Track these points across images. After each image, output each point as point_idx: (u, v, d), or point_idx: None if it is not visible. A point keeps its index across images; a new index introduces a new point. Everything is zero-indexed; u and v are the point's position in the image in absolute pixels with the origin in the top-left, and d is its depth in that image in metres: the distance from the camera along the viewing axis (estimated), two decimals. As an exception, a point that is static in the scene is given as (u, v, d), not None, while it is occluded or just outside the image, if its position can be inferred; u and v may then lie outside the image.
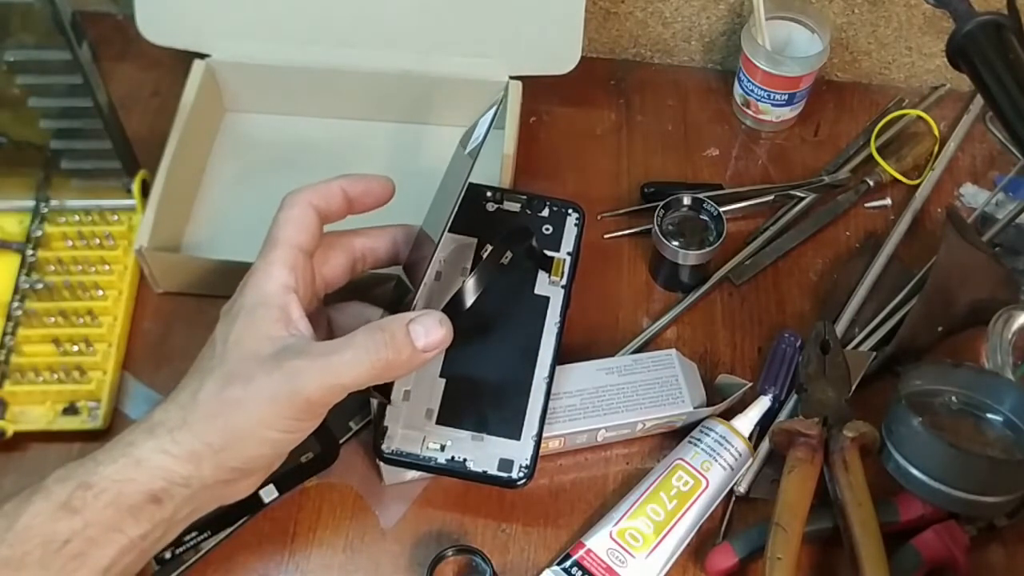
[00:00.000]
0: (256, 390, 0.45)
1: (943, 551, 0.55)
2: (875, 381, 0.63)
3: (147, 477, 0.44)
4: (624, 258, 0.70)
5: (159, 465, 0.44)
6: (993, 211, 0.71)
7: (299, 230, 0.49)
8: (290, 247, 0.49)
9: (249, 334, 0.47)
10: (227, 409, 0.45)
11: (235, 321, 0.47)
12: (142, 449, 0.44)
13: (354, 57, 0.70)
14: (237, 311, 0.48)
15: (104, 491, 0.43)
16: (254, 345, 0.46)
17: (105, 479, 0.44)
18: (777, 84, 0.73)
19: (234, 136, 0.73)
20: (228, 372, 0.46)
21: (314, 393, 0.45)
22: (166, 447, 0.44)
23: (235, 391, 0.45)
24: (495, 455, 0.52)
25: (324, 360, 0.45)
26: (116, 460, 0.44)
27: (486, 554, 0.54)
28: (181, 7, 0.68)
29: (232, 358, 0.46)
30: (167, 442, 0.45)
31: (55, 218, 0.65)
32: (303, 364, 0.45)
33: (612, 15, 0.78)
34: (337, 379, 0.45)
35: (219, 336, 0.47)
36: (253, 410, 0.45)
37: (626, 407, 0.58)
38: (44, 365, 0.60)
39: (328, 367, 0.45)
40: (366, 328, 0.47)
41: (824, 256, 0.70)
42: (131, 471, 0.44)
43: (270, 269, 0.48)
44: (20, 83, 0.58)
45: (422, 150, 0.72)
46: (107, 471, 0.44)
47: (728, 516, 0.58)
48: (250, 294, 0.48)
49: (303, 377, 0.45)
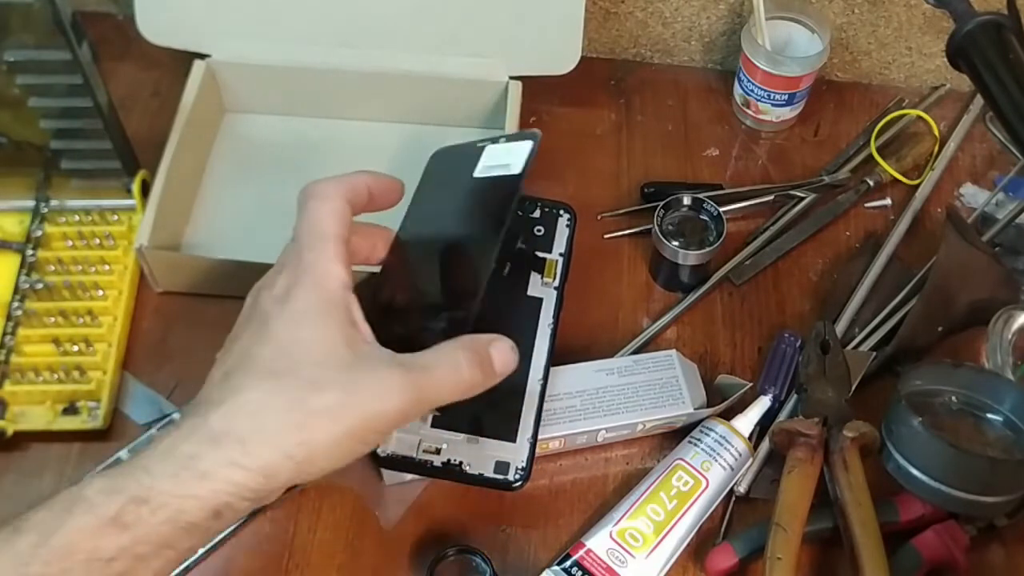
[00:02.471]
0: (352, 400, 0.42)
1: (943, 551, 0.55)
2: (875, 381, 0.63)
3: (212, 493, 0.40)
4: (624, 258, 0.70)
5: (228, 479, 0.40)
6: (993, 211, 0.71)
7: (342, 224, 0.46)
8: (340, 241, 0.45)
9: (324, 338, 0.43)
10: (314, 421, 0.41)
11: (302, 322, 0.43)
12: (207, 462, 0.40)
13: (354, 57, 0.70)
14: (301, 311, 0.43)
15: (162, 507, 0.39)
16: (332, 351, 0.43)
17: (163, 494, 0.39)
18: (777, 84, 0.73)
19: (234, 136, 0.73)
20: (309, 379, 0.42)
21: (411, 407, 0.43)
22: (237, 459, 0.40)
23: (326, 400, 0.41)
24: (491, 458, 0.52)
25: (420, 375, 0.43)
26: (176, 474, 0.40)
27: (486, 554, 0.54)
28: (181, 7, 0.68)
29: (309, 364, 0.42)
30: (238, 454, 0.40)
31: (55, 218, 0.65)
32: (401, 378, 0.42)
33: (612, 15, 0.78)
34: (430, 395, 0.44)
35: (280, 336, 0.43)
36: (345, 420, 0.42)
37: (626, 408, 0.58)
38: (44, 365, 0.60)
39: (423, 383, 0.43)
40: (453, 346, 0.44)
41: (824, 256, 0.70)
42: (194, 486, 0.40)
43: (329, 266, 0.44)
44: (20, 83, 0.58)
45: (422, 150, 0.72)
46: (165, 486, 0.39)
47: (728, 516, 0.58)
48: (312, 293, 0.44)
49: (402, 392, 0.42)
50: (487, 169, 0.53)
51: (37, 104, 0.60)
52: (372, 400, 0.42)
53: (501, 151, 0.53)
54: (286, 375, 0.42)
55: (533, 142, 0.52)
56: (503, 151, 0.53)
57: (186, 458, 0.40)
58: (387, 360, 0.43)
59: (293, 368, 0.42)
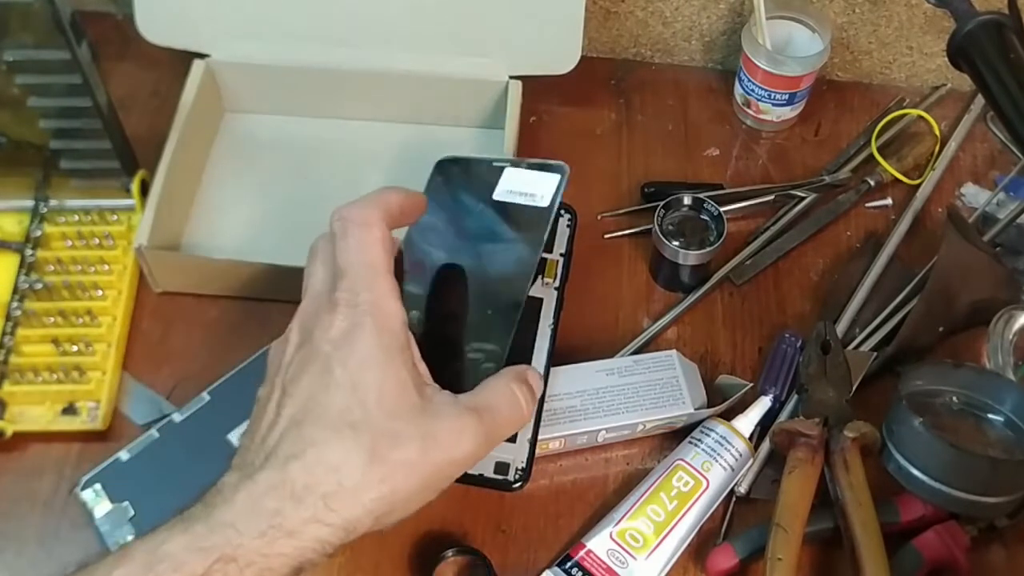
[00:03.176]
0: (432, 450, 0.41)
1: (944, 551, 0.55)
2: (876, 381, 0.63)
3: (298, 551, 0.40)
4: (624, 258, 0.70)
5: (313, 537, 0.40)
6: (994, 211, 0.71)
7: (388, 253, 0.45)
8: (391, 274, 0.44)
9: (393, 385, 0.42)
10: (397, 473, 0.41)
11: (369, 367, 0.42)
12: (293, 520, 0.39)
13: (354, 57, 0.70)
14: (366, 354, 0.42)
15: (250, 565, 0.39)
16: (403, 398, 0.42)
17: (252, 552, 0.39)
18: (778, 84, 0.72)
19: (233, 136, 0.73)
20: (387, 432, 0.41)
21: (480, 452, 0.43)
22: (321, 516, 0.40)
23: (404, 455, 0.41)
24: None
25: (490, 418, 0.44)
26: (264, 533, 0.39)
27: (486, 555, 0.54)
28: (181, 7, 0.68)
29: (383, 413, 0.41)
30: (322, 511, 0.40)
31: (54, 218, 0.65)
32: (474, 422, 0.43)
33: (612, 15, 0.78)
34: (497, 436, 0.44)
35: (350, 383, 0.42)
36: (423, 474, 0.42)
37: (627, 408, 0.58)
38: (43, 365, 0.60)
39: (492, 426, 0.44)
40: (506, 381, 0.45)
41: (825, 256, 0.70)
42: (282, 545, 0.39)
43: (388, 304, 0.43)
44: (19, 83, 0.58)
45: (422, 150, 0.72)
46: (254, 544, 0.39)
47: (729, 516, 0.58)
48: (376, 335, 0.42)
49: (476, 436, 0.43)
50: (509, 194, 0.52)
51: (36, 104, 0.59)
52: (449, 449, 0.42)
53: (524, 177, 0.53)
54: (362, 427, 0.41)
55: (561, 176, 0.52)
56: (527, 178, 0.53)
57: (272, 515, 0.39)
58: (457, 406, 0.43)
59: (367, 419, 0.41)
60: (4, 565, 0.55)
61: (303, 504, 0.40)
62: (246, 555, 0.38)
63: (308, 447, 0.41)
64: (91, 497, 0.55)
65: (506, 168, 0.54)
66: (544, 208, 0.51)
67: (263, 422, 0.43)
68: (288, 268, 0.61)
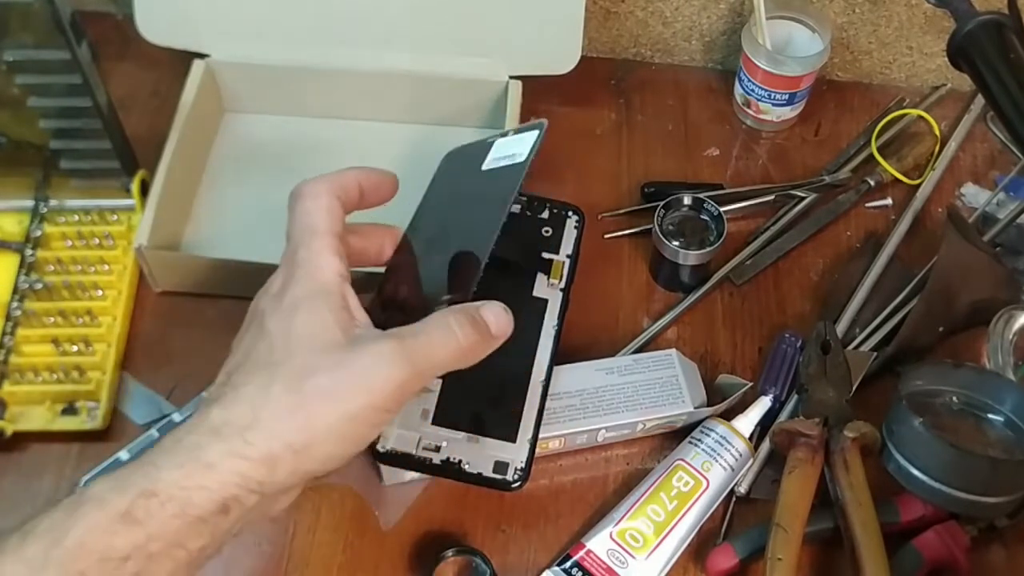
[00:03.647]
0: (345, 377, 0.41)
1: (944, 551, 0.55)
2: (876, 381, 0.63)
3: (219, 484, 0.39)
4: (624, 258, 0.70)
5: (232, 469, 0.40)
6: (994, 211, 0.71)
7: (333, 220, 0.46)
8: (332, 235, 0.46)
9: (316, 324, 0.43)
10: (311, 402, 0.41)
11: (295, 313, 0.43)
12: (210, 452, 0.40)
13: (354, 57, 0.70)
14: (293, 303, 0.44)
15: (171, 499, 0.38)
16: (327, 335, 0.43)
17: (172, 486, 0.39)
18: (778, 84, 0.72)
19: (233, 136, 0.73)
20: (304, 364, 0.42)
21: (408, 376, 0.42)
22: (238, 449, 0.40)
23: (320, 381, 0.41)
24: (491, 457, 0.52)
25: (414, 341, 0.43)
26: (182, 465, 0.39)
27: (486, 555, 0.54)
28: (181, 7, 0.68)
29: (303, 350, 0.42)
30: (238, 443, 0.40)
31: (54, 218, 0.65)
32: (392, 346, 0.42)
33: (612, 15, 0.78)
34: (425, 362, 0.43)
35: (275, 330, 0.43)
36: (342, 400, 0.41)
37: (626, 407, 0.58)
38: (43, 365, 0.60)
39: (415, 349, 0.43)
40: (442, 313, 0.45)
41: (825, 256, 0.70)
42: (201, 477, 0.39)
43: (319, 259, 0.45)
44: (19, 83, 0.58)
45: (422, 150, 0.72)
46: (172, 477, 0.39)
47: (729, 516, 0.58)
48: (304, 285, 0.44)
49: (396, 360, 0.42)
50: (495, 161, 0.53)
51: (36, 104, 0.60)
52: (365, 374, 0.42)
53: (509, 143, 0.54)
54: (279, 365, 0.42)
55: (539, 131, 0.52)
56: (511, 143, 0.54)
57: (190, 448, 0.40)
58: (378, 336, 0.43)
59: (289, 357, 0.42)
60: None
61: (220, 436, 0.40)
62: (166, 489, 0.39)
63: (230, 390, 0.42)
64: (91, 497, 0.55)
65: (495, 141, 0.55)
66: (518, 163, 0.51)
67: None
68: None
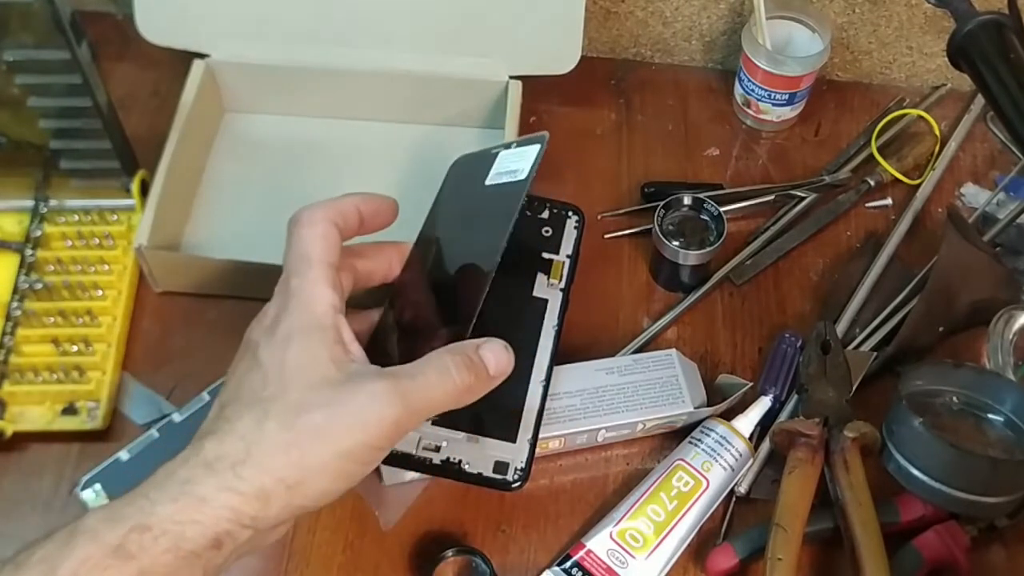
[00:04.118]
0: (340, 416, 0.41)
1: (944, 551, 0.55)
2: (876, 381, 0.63)
3: (212, 519, 0.39)
4: (624, 258, 0.70)
5: (225, 505, 0.40)
6: (994, 211, 0.71)
7: (328, 249, 0.46)
8: (327, 266, 0.45)
9: (310, 359, 0.43)
10: (304, 439, 0.41)
11: (288, 346, 0.43)
12: (203, 487, 0.40)
13: (354, 57, 0.70)
14: (287, 335, 0.43)
15: (164, 534, 0.39)
16: (320, 370, 0.43)
17: (164, 520, 0.39)
18: (778, 84, 0.72)
19: (233, 136, 0.73)
20: (298, 401, 0.42)
21: (402, 416, 0.42)
22: (231, 484, 0.40)
23: (313, 418, 0.41)
24: (490, 457, 0.51)
25: (410, 382, 0.43)
26: (176, 499, 0.39)
27: (486, 555, 0.54)
28: (181, 7, 0.68)
29: (297, 385, 0.42)
30: (231, 478, 0.40)
31: (54, 218, 0.65)
32: (388, 386, 0.42)
33: (612, 15, 0.78)
34: (420, 403, 0.43)
35: (268, 362, 0.43)
36: (336, 438, 0.41)
37: (626, 407, 0.58)
38: (43, 365, 0.60)
39: (410, 390, 0.43)
40: (440, 353, 0.45)
41: (825, 256, 0.70)
42: (193, 512, 0.39)
43: (314, 290, 0.44)
44: (19, 83, 0.58)
45: (422, 150, 0.72)
46: (166, 511, 0.39)
47: (729, 516, 0.58)
48: (298, 316, 0.44)
49: (390, 400, 0.42)
50: (497, 176, 0.53)
51: (36, 104, 0.59)
52: (359, 413, 0.42)
53: (512, 157, 0.53)
54: (273, 400, 0.42)
55: (540, 145, 0.52)
56: (513, 157, 0.53)
57: (181, 483, 0.40)
58: (374, 375, 0.43)
59: (283, 392, 0.42)
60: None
61: (213, 471, 0.40)
62: (159, 523, 0.39)
63: (222, 423, 0.42)
64: (91, 497, 0.54)
65: (500, 153, 0.54)
66: (519, 181, 0.51)
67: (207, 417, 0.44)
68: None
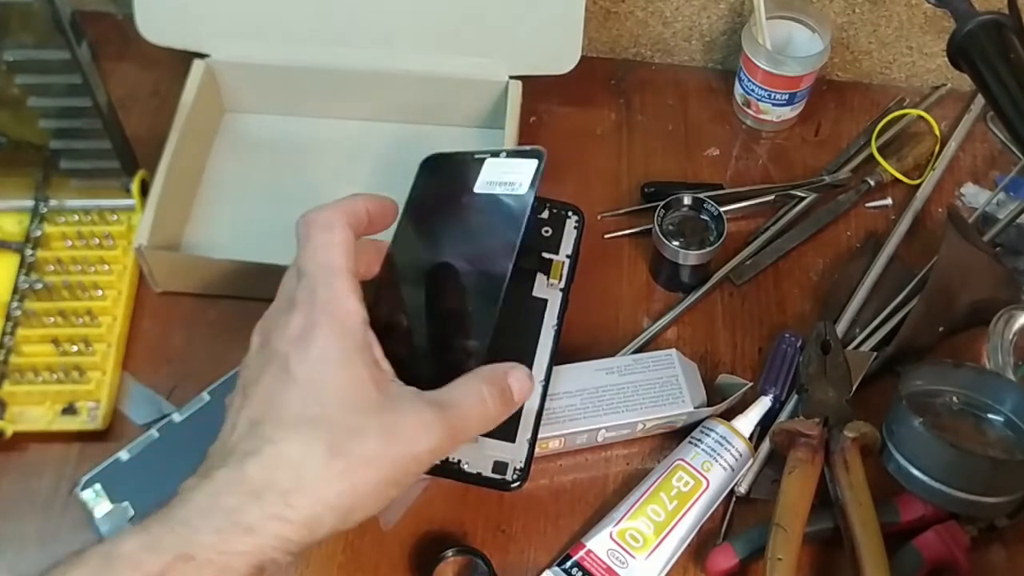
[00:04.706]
0: (392, 444, 0.41)
1: (944, 551, 0.55)
2: (876, 381, 0.63)
3: (257, 548, 0.39)
4: (624, 258, 0.70)
5: (273, 533, 0.39)
6: (994, 211, 0.71)
7: (350, 256, 0.45)
8: (351, 275, 0.44)
9: (352, 379, 0.42)
10: (358, 467, 0.41)
11: (326, 363, 0.42)
12: (250, 516, 0.39)
13: (354, 57, 0.70)
14: (323, 353, 0.42)
15: (209, 563, 0.38)
16: (364, 392, 0.42)
17: (209, 550, 0.38)
18: (778, 84, 0.72)
19: (233, 136, 0.73)
20: (347, 425, 0.41)
21: (446, 445, 0.43)
22: (281, 512, 0.39)
23: (366, 446, 0.41)
24: (490, 457, 0.51)
25: (452, 413, 0.43)
26: (221, 530, 0.38)
27: (486, 555, 0.54)
28: (181, 7, 0.68)
29: (342, 407, 0.41)
30: (281, 507, 0.39)
31: (54, 218, 0.65)
32: (435, 416, 0.42)
33: (612, 15, 0.78)
34: (461, 433, 0.44)
35: (304, 379, 0.42)
36: (387, 466, 0.41)
37: (626, 407, 0.58)
38: (43, 365, 0.60)
39: (455, 421, 0.43)
40: (476, 380, 0.45)
41: (825, 256, 0.70)
42: (239, 542, 0.38)
43: (345, 303, 0.43)
44: (19, 83, 0.58)
45: (422, 150, 0.72)
46: (210, 541, 0.38)
47: (729, 516, 0.58)
48: (331, 331, 0.43)
49: (440, 432, 0.42)
50: (489, 185, 0.52)
51: (36, 104, 0.59)
52: (410, 443, 0.42)
53: (503, 166, 0.52)
54: (321, 423, 0.41)
55: (539, 160, 0.51)
56: (505, 167, 0.52)
57: (229, 512, 0.39)
58: (418, 400, 0.43)
59: (326, 415, 0.41)
60: (4, 565, 0.55)
61: (262, 500, 0.39)
62: (204, 553, 0.38)
63: (266, 444, 0.40)
64: (91, 497, 0.55)
65: (486, 159, 0.53)
66: (521, 195, 0.50)
67: (226, 426, 0.43)
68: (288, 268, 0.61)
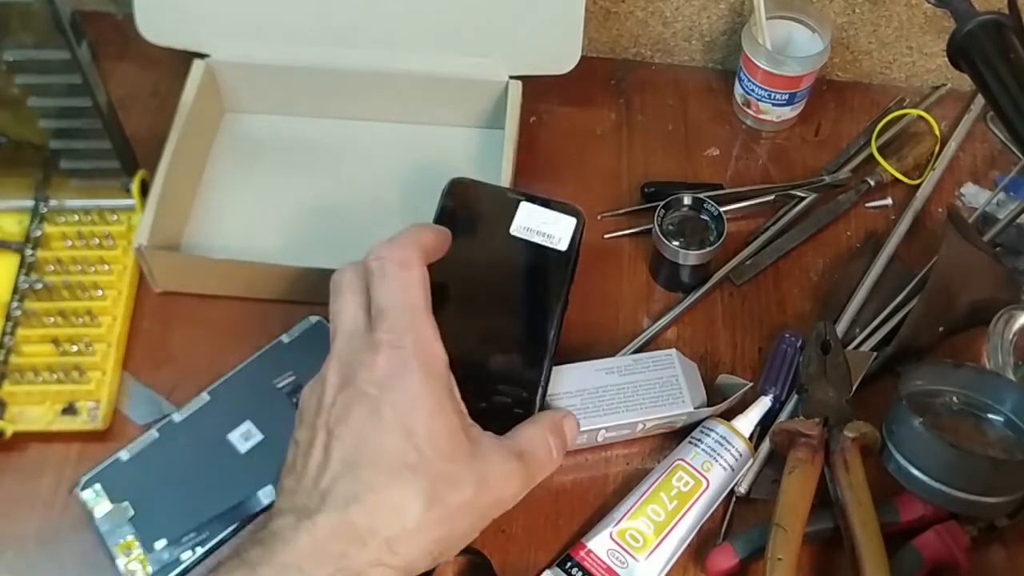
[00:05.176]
0: (485, 493, 0.44)
1: (944, 551, 0.55)
2: (876, 381, 0.62)
3: None
4: (624, 258, 0.70)
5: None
6: (994, 211, 0.71)
7: (428, 294, 0.45)
8: (431, 316, 0.45)
9: (445, 427, 0.43)
10: (456, 514, 0.43)
11: (419, 410, 0.43)
12: (358, 562, 0.41)
13: (354, 57, 0.70)
14: (415, 398, 0.43)
15: None
16: (456, 441, 0.44)
17: None
18: (778, 84, 0.72)
19: (233, 136, 0.73)
20: (445, 473, 0.43)
21: (521, 493, 0.46)
22: (384, 559, 0.41)
23: (463, 495, 0.43)
24: None
25: (532, 462, 0.46)
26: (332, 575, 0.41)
27: (486, 555, 0.54)
28: (181, 7, 0.68)
29: (439, 456, 0.43)
30: (385, 553, 0.41)
31: (54, 218, 0.65)
32: (519, 467, 0.45)
33: (612, 15, 0.78)
34: (535, 479, 0.47)
35: (397, 424, 0.43)
36: (479, 513, 0.44)
37: (626, 407, 0.58)
38: (43, 365, 0.60)
39: (532, 469, 0.46)
40: (541, 429, 0.48)
41: (825, 256, 0.70)
42: None
43: (433, 348, 0.44)
44: (19, 83, 0.58)
45: (422, 150, 0.72)
46: None
47: (729, 517, 0.58)
48: (422, 377, 0.43)
49: (522, 480, 0.46)
50: (526, 231, 0.54)
51: (36, 104, 0.59)
52: (499, 491, 0.45)
53: (541, 216, 0.54)
54: (419, 471, 0.42)
55: (578, 221, 0.54)
56: (544, 216, 0.54)
57: (337, 557, 0.41)
58: (503, 450, 0.46)
59: (423, 463, 0.42)
60: (4, 565, 0.55)
61: (367, 547, 0.41)
62: None
63: (367, 490, 0.42)
64: (91, 497, 0.55)
65: (522, 202, 0.55)
66: (563, 252, 0.53)
67: (310, 464, 0.43)
68: (288, 268, 0.61)
